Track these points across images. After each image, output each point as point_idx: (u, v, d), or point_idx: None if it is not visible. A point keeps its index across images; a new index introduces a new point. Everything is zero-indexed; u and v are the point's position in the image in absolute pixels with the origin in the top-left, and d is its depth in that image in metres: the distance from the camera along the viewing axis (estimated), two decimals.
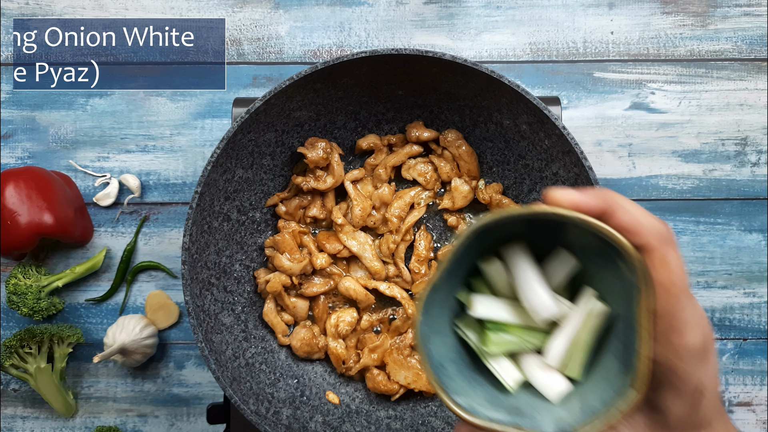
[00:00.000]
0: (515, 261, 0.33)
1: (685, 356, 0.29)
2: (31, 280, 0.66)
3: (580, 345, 0.32)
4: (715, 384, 0.31)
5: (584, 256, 0.33)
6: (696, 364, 0.29)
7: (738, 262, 0.69)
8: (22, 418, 0.69)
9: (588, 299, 0.33)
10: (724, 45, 0.70)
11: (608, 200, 0.29)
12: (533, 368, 0.34)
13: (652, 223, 0.29)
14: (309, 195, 0.62)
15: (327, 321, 0.60)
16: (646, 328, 0.29)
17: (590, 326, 0.32)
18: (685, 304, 0.28)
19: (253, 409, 0.53)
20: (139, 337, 0.65)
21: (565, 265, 0.34)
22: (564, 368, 0.33)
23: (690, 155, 0.69)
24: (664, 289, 0.28)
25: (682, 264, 0.29)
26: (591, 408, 0.30)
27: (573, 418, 0.30)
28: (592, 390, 0.32)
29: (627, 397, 0.29)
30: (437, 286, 0.32)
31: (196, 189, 0.53)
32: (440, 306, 0.34)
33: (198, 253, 0.54)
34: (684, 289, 0.28)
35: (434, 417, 0.59)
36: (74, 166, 0.70)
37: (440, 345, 0.34)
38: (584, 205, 0.29)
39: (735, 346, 0.69)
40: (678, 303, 0.28)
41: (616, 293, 0.32)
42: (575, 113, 0.69)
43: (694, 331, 0.29)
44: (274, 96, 0.53)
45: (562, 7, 0.70)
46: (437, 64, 0.53)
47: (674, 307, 0.28)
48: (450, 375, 0.33)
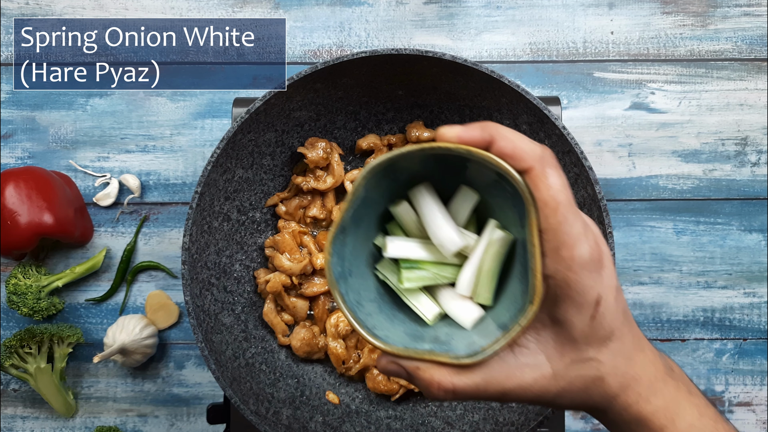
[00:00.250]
0: (421, 200, 0.36)
1: (575, 268, 0.30)
2: (31, 280, 0.66)
3: (486, 272, 0.35)
4: (613, 295, 0.32)
5: (485, 191, 0.35)
6: (589, 276, 0.31)
7: (738, 262, 0.69)
8: (22, 418, 0.69)
9: (490, 229, 0.35)
10: (724, 45, 0.70)
11: (490, 131, 0.31)
12: (448, 300, 0.36)
13: (531, 146, 0.31)
14: (309, 195, 0.62)
15: (327, 321, 0.60)
16: (536, 244, 0.30)
17: (493, 253, 0.34)
18: (570, 219, 0.30)
19: (253, 409, 0.53)
20: (139, 337, 0.65)
21: (469, 200, 0.36)
22: (476, 296, 0.35)
23: (690, 155, 0.69)
24: (547, 205, 0.30)
25: (562, 182, 0.30)
26: (500, 328, 0.32)
27: (484, 340, 0.32)
28: (501, 313, 0.34)
29: (526, 312, 0.31)
30: (344, 227, 0.34)
31: (196, 189, 0.53)
32: (359, 251, 0.36)
33: (198, 253, 0.54)
34: (566, 205, 0.30)
35: (434, 417, 0.59)
36: (74, 166, 0.70)
37: (361, 287, 0.36)
38: (468, 137, 0.31)
39: (735, 346, 0.69)
40: (562, 218, 0.30)
41: (514, 220, 0.34)
42: (575, 113, 0.69)
43: (582, 244, 0.30)
44: (274, 96, 0.53)
45: (562, 7, 0.70)
46: (437, 64, 0.53)
47: (559, 222, 0.30)
48: (369, 312, 0.35)
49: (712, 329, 0.69)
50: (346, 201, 0.33)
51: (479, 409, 0.57)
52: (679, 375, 0.35)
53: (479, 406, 0.58)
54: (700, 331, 0.69)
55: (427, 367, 0.32)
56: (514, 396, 0.33)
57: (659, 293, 0.69)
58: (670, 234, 0.69)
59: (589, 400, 0.33)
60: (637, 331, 0.34)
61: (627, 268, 0.69)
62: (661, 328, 0.69)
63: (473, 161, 0.32)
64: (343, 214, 0.33)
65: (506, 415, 0.55)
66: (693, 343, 0.69)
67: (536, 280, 0.31)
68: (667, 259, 0.69)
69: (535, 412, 0.53)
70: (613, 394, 0.33)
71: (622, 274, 0.69)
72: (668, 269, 0.69)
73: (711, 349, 0.69)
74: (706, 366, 0.69)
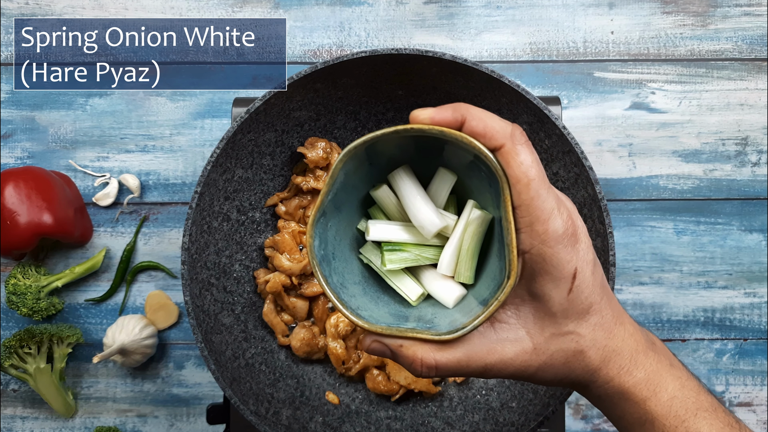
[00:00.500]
0: (400, 183, 0.36)
1: (550, 242, 0.31)
2: (30, 280, 0.66)
3: (465, 252, 0.35)
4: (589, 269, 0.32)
5: (463, 172, 0.36)
6: (564, 250, 0.31)
7: (738, 262, 0.69)
8: (21, 419, 0.69)
9: (468, 209, 0.36)
10: (725, 45, 0.69)
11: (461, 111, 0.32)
12: (431, 280, 0.37)
13: (501, 125, 0.31)
14: (309, 195, 0.62)
15: (327, 321, 0.60)
16: (510, 220, 0.31)
17: (471, 233, 0.35)
18: (543, 194, 0.31)
19: (253, 409, 0.53)
20: (138, 338, 0.65)
21: (447, 181, 0.37)
22: (457, 275, 0.36)
23: (690, 155, 0.69)
24: (519, 182, 0.31)
25: (533, 158, 0.31)
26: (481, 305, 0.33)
27: (465, 317, 0.33)
28: (482, 290, 0.35)
29: (503, 288, 0.32)
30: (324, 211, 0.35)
31: (196, 189, 0.53)
32: (342, 236, 0.37)
33: (198, 253, 0.54)
34: (538, 180, 0.31)
35: (434, 417, 0.58)
36: (74, 166, 0.70)
37: (345, 270, 0.37)
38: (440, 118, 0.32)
39: (735, 347, 0.69)
40: (535, 193, 0.31)
41: (491, 199, 0.35)
42: (575, 113, 0.69)
43: (555, 218, 0.31)
44: (274, 96, 0.53)
45: (562, 7, 0.70)
46: (437, 64, 0.53)
47: (531, 197, 0.31)
48: (353, 294, 0.36)
49: (713, 329, 0.69)
50: (325, 185, 0.34)
51: (479, 410, 0.57)
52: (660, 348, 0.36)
53: (479, 406, 0.58)
54: (700, 332, 0.69)
55: (409, 345, 0.33)
56: (496, 371, 0.33)
57: (660, 293, 0.69)
58: (670, 234, 0.69)
59: (572, 374, 0.34)
60: (617, 305, 0.35)
61: (627, 268, 0.69)
62: (662, 328, 0.69)
63: (449, 143, 0.33)
64: (322, 198, 0.34)
65: (506, 415, 0.55)
66: (693, 343, 0.69)
67: (512, 255, 0.31)
68: (668, 259, 0.69)
69: (535, 413, 0.53)
70: (594, 368, 0.33)
71: (622, 274, 0.69)
72: (668, 269, 0.69)
73: (711, 350, 0.69)
74: (706, 366, 0.69)
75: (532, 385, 0.55)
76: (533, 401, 0.54)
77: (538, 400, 0.54)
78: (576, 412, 0.68)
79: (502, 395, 0.57)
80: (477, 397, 0.59)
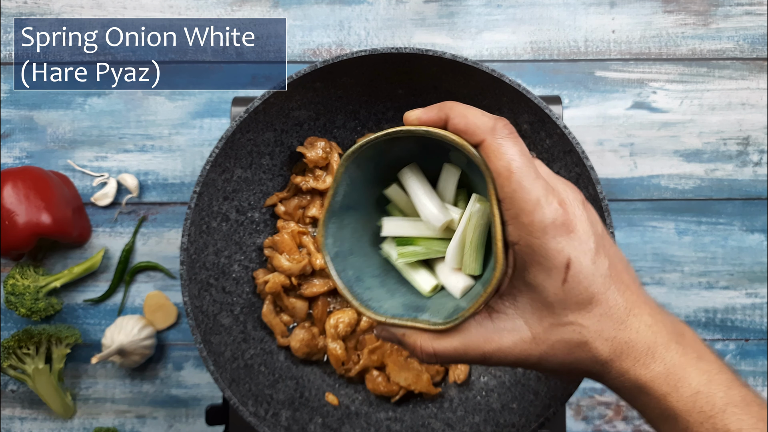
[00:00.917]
0: (407, 181, 0.38)
1: (536, 233, 0.31)
2: (29, 280, 0.65)
3: (470, 244, 0.36)
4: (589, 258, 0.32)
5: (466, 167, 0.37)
6: (553, 240, 0.31)
7: (740, 262, 0.69)
8: (20, 419, 0.69)
9: (471, 202, 0.36)
10: (726, 44, 0.69)
11: (445, 109, 0.33)
12: (443, 273, 0.38)
13: (483, 120, 0.32)
14: (308, 195, 0.61)
15: (326, 322, 0.60)
16: (495, 213, 0.32)
17: (474, 225, 0.36)
18: (526, 185, 0.31)
19: (252, 410, 0.52)
20: (137, 338, 0.65)
21: (452, 176, 0.38)
22: (464, 267, 0.37)
23: (692, 155, 0.69)
24: (500, 175, 0.31)
25: (516, 150, 0.31)
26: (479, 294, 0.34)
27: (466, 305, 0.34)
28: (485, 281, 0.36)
29: (490, 280, 0.32)
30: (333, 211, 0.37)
31: (195, 189, 0.53)
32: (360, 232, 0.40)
33: (196, 254, 0.54)
34: (520, 172, 0.31)
35: (434, 419, 0.58)
36: (72, 166, 0.69)
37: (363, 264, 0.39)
38: (426, 118, 0.33)
39: (737, 347, 0.68)
40: (517, 185, 0.31)
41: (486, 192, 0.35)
42: (576, 112, 0.69)
43: (541, 209, 0.31)
44: (273, 95, 0.53)
45: (564, 6, 0.70)
46: (437, 63, 0.53)
47: (514, 190, 0.31)
48: (369, 287, 0.38)
49: (714, 330, 0.69)
50: (330, 189, 0.36)
51: (480, 411, 0.57)
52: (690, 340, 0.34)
53: (480, 407, 0.57)
54: (701, 332, 0.69)
55: (411, 333, 0.35)
56: (496, 359, 0.34)
57: (661, 293, 0.69)
58: (671, 234, 0.69)
59: (580, 365, 0.33)
60: (633, 296, 0.33)
61: None
62: None
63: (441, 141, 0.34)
64: (329, 201, 0.37)
65: (507, 416, 0.55)
66: None
67: (497, 248, 0.32)
68: (669, 260, 0.69)
69: (536, 414, 0.53)
70: (604, 360, 0.33)
71: None
72: (670, 269, 0.69)
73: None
74: None
75: (533, 386, 0.55)
76: (534, 402, 0.54)
77: (539, 402, 0.53)
78: (577, 413, 0.68)
79: (502, 396, 0.57)
80: (477, 399, 0.59)
